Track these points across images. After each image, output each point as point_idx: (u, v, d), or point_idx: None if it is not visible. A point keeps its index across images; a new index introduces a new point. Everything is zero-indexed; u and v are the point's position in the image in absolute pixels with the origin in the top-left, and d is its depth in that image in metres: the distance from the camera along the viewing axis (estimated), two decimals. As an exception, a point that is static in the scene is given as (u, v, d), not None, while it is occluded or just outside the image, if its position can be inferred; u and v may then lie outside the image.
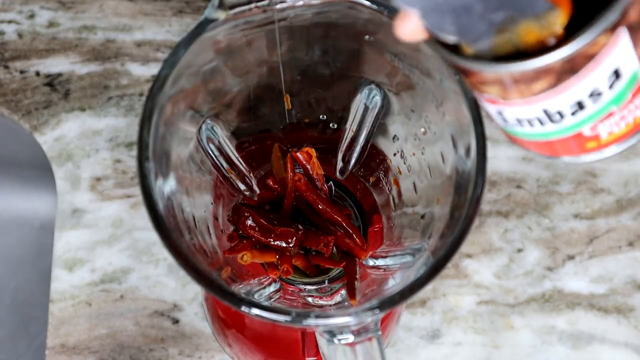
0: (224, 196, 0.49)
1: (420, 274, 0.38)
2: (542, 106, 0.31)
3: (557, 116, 0.31)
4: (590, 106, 0.30)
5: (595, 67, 0.29)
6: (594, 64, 0.29)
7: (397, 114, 0.47)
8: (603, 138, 0.32)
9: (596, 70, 0.29)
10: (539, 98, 0.30)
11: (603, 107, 0.30)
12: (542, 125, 0.31)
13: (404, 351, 0.59)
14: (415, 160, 0.47)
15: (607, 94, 0.30)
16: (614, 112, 0.31)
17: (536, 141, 0.33)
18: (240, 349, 0.55)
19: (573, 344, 0.60)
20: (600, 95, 0.30)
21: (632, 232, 0.62)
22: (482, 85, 0.31)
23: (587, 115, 0.31)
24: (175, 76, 0.40)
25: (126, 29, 0.68)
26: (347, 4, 0.41)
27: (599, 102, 0.30)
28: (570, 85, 0.30)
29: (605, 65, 0.29)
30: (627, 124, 0.32)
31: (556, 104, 0.30)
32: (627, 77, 0.30)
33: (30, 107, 0.66)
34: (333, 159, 0.51)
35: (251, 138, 0.50)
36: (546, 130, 0.32)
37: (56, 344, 0.59)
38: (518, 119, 0.32)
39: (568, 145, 0.32)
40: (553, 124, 0.31)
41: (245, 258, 0.46)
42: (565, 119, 0.31)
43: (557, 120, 0.31)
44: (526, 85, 0.30)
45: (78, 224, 0.62)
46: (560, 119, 0.31)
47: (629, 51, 0.29)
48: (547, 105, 0.30)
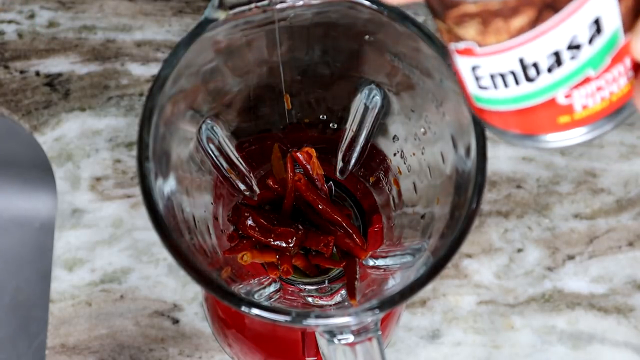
0: (224, 196, 0.49)
1: (420, 274, 0.38)
2: (519, 54, 0.29)
3: (533, 70, 0.30)
4: (568, 63, 0.29)
5: (577, 8, 0.28)
6: (576, 3, 0.28)
7: (397, 114, 0.47)
8: (577, 112, 0.31)
9: (578, 12, 0.28)
10: (516, 42, 0.29)
11: (581, 66, 0.29)
12: (517, 84, 0.30)
13: (404, 351, 0.59)
14: (415, 160, 0.47)
15: (586, 49, 0.29)
16: (591, 78, 0.30)
17: (507, 110, 0.31)
18: (240, 349, 0.55)
19: (573, 344, 0.60)
20: (579, 49, 0.29)
21: (632, 232, 0.62)
22: (458, 27, 0.29)
23: (563, 74, 0.30)
24: (175, 76, 0.40)
25: (126, 29, 0.68)
26: (347, 4, 0.41)
27: (577, 58, 0.29)
28: (549, 27, 0.29)
29: (587, 8, 0.28)
30: (602, 98, 0.30)
31: (533, 52, 0.29)
32: (608, 34, 0.29)
33: (30, 107, 0.66)
34: (333, 159, 0.51)
35: (251, 138, 0.50)
36: (520, 92, 0.30)
37: (56, 344, 0.59)
38: (492, 75, 0.30)
39: (539, 118, 0.31)
40: (528, 84, 0.30)
41: (245, 258, 0.46)
42: (541, 76, 0.30)
43: (532, 76, 0.30)
44: (505, 22, 0.29)
45: (78, 224, 0.62)
46: (536, 76, 0.30)
47: (612, 1, 0.28)
48: (523, 53, 0.29)
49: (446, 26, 0.30)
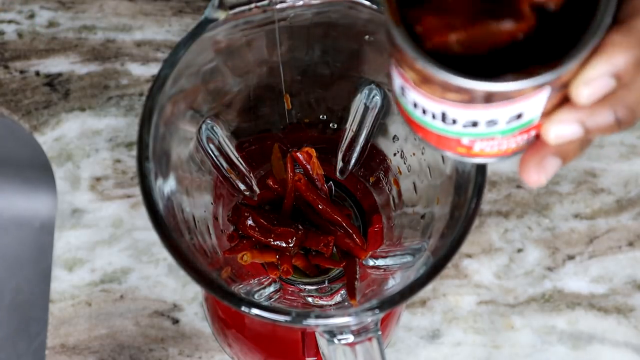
0: (224, 196, 0.49)
1: (420, 274, 0.38)
2: (443, 109, 0.32)
3: (450, 121, 0.32)
4: (482, 128, 0.32)
5: (505, 106, 0.31)
6: (507, 103, 0.31)
7: (397, 114, 0.47)
8: (474, 150, 0.34)
9: (505, 108, 0.31)
10: (444, 102, 0.31)
11: (491, 132, 0.32)
12: (434, 119, 0.33)
13: (404, 351, 0.59)
14: (415, 160, 0.47)
15: (502, 125, 0.32)
16: (495, 138, 0.33)
17: (419, 124, 0.34)
18: (240, 349, 0.55)
19: (573, 344, 0.60)
20: (496, 125, 0.32)
21: (632, 232, 0.62)
22: (403, 64, 0.32)
23: (475, 132, 0.32)
24: (175, 76, 0.40)
25: (126, 29, 0.68)
26: (347, 4, 0.41)
27: (491, 128, 0.32)
28: (476, 109, 0.31)
29: (515, 108, 0.31)
30: (499, 149, 0.34)
31: (456, 114, 0.32)
32: (525, 119, 0.32)
33: (30, 107, 0.66)
34: (333, 159, 0.50)
35: (251, 138, 0.50)
36: (434, 124, 0.33)
37: (56, 344, 0.59)
38: (415, 103, 0.33)
39: (441, 141, 0.34)
40: (443, 124, 0.33)
41: (245, 258, 0.46)
42: (455, 126, 0.32)
43: (448, 123, 0.32)
44: (441, 90, 0.31)
45: (78, 224, 0.62)
46: (452, 124, 0.32)
47: (540, 103, 0.31)
48: (447, 110, 0.32)
49: (393, 54, 0.32)
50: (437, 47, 0.30)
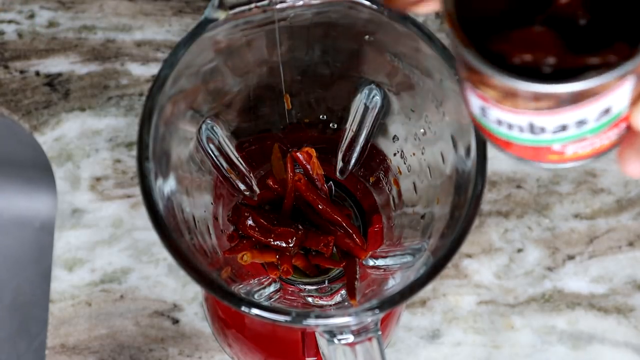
0: (224, 196, 0.49)
1: (420, 274, 0.38)
2: (530, 120, 0.32)
3: (538, 130, 0.32)
4: (572, 130, 0.32)
5: (593, 103, 0.31)
6: (593, 100, 0.30)
7: (397, 114, 0.47)
8: (567, 155, 0.33)
9: (593, 105, 0.31)
10: (530, 113, 0.31)
11: (582, 133, 0.32)
12: (521, 132, 0.32)
13: (404, 351, 0.59)
14: (415, 160, 0.47)
15: (591, 124, 0.32)
16: (587, 138, 0.32)
17: (506, 141, 0.34)
18: (240, 349, 0.55)
19: (573, 344, 0.60)
20: (585, 124, 0.32)
21: (632, 232, 0.62)
22: (481, 85, 0.31)
23: (565, 136, 0.32)
24: (175, 76, 0.40)
25: (126, 29, 0.68)
26: (347, 4, 0.41)
27: (581, 128, 0.32)
28: (564, 112, 0.31)
29: (602, 103, 0.31)
30: (592, 148, 0.33)
31: (543, 122, 0.32)
32: (614, 113, 0.32)
33: (30, 107, 0.66)
34: (333, 159, 0.50)
35: (251, 138, 0.50)
36: (522, 136, 0.33)
37: (56, 344, 0.59)
38: (499, 120, 0.33)
39: (532, 152, 0.34)
40: (531, 134, 0.33)
41: (245, 258, 0.46)
42: (544, 134, 0.32)
43: (537, 133, 0.32)
44: (524, 101, 0.31)
45: (78, 224, 0.62)
46: (541, 133, 0.32)
47: (626, 94, 0.31)
48: (534, 120, 0.32)
49: (466, 72, 0.32)
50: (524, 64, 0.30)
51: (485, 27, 0.32)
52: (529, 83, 0.30)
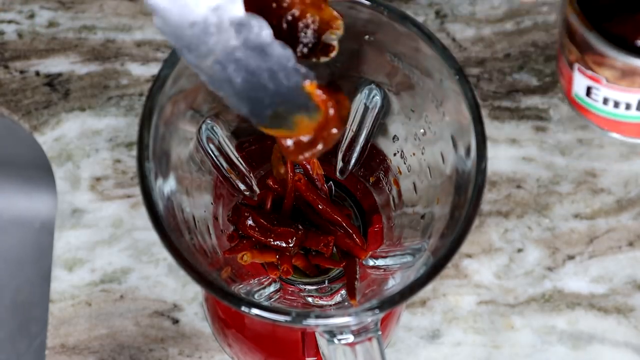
0: (224, 196, 0.49)
1: (420, 274, 0.38)
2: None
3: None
4: None
5: None
6: None
7: (397, 114, 0.47)
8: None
9: None
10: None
11: None
12: (627, 109, 0.33)
13: (404, 351, 0.59)
14: (415, 160, 0.47)
15: None
16: None
17: (608, 118, 0.34)
18: (240, 349, 0.55)
19: (573, 344, 0.60)
20: None
21: (632, 232, 0.62)
22: (596, 66, 0.32)
23: None
24: (175, 76, 0.40)
25: (126, 29, 0.68)
26: (347, 4, 0.41)
27: None
28: None
29: None
30: None
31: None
32: None
33: (30, 107, 0.66)
34: (333, 159, 0.50)
35: (251, 138, 0.50)
36: (628, 114, 0.33)
37: (56, 344, 0.59)
38: (606, 98, 0.33)
39: (630, 128, 0.34)
40: (638, 111, 0.33)
41: (245, 258, 0.46)
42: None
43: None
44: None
45: (78, 224, 0.62)
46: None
47: None
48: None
49: (578, 55, 0.33)
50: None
51: (603, 11, 0.32)
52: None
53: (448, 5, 0.68)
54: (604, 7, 0.32)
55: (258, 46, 0.36)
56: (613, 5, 0.32)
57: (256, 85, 0.36)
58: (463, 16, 0.68)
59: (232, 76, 0.36)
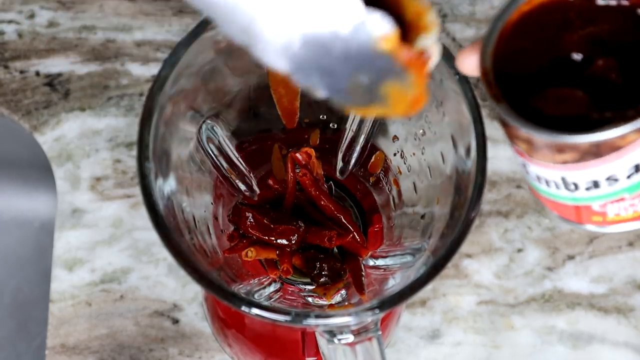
0: (224, 196, 0.49)
1: (420, 274, 0.38)
2: (561, 174, 0.32)
3: (572, 186, 0.32)
4: (605, 187, 0.32)
5: (618, 158, 0.31)
6: (617, 155, 0.31)
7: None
8: (609, 216, 0.34)
9: (618, 160, 0.31)
10: (559, 167, 0.32)
11: (616, 191, 0.32)
12: (558, 189, 0.33)
13: (404, 351, 0.59)
14: (415, 160, 0.47)
15: (624, 181, 0.32)
16: (625, 198, 0.32)
17: (550, 199, 0.35)
18: (240, 349, 0.55)
19: (573, 344, 0.60)
20: (617, 181, 0.32)
21: (632, 232, 0.62)
22: (514, 138, 0.33)
23: (599, 194, 0.32)
24: (175, 76, 0.40)
25: (126, 29, 0.68)
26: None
27: (613, 186, 0.32)
28: (590, 166, 0.31)
29: (628, 159, 0.31)
30: (635, 211, 0.33)
31: (574, 177, 0.32)
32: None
33: (30, 107, 0.66)
34: (333, 159, 0.50)
35: (251, 138, 0.50)
36: (560, 194, 0.33)
37: (56, 344, 0.59)
38: (538, 176, 0.33)
39: (576, 212, 0.34)
40: (567, 191, 0.33)
41: (250, 254, 0.46)
42: (578, 191, 0.33)
43: (571, 189, 0.33)
44: (550, 153, 0.31)
45: (78, 224, 0.62)
46: (575, 190, 0.33)
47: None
48: (565, 175, 0.32)
49: (506, 131, 0.34)
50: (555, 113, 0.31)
51: (527, 86, 0.32)
52: (546, 133, 0.30)
53: (448, 5, 0.68)
54: (525, 81, 0.32)
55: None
56: (533, 78, 0.33)
57: (317, 48, 0.27)
58: (463, 16, 0.68)
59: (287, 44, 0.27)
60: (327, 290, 0.47)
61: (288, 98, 0.48)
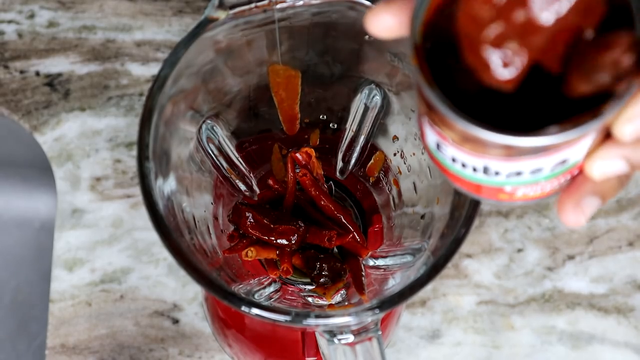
0: (224, 196, 0.49)
1: (420, 274, 0.38)
2: (486, 163, 0.31)
3: (492, 173, 0.32)
4: (526, 176, 0.32)
5: (551, 155, 0.30)
6: (552, 153, 0.30)
7: (397, 114, 0.47)
8: (517, 196, 0.33)
9: (551, 157, 0.30)
10: (487, 157, 0.31)
11: (535, 179, 0.32)
12: (475, 172, 0.32)
13: (404, 351, 0.59)
14: (415, 160, 0.47)
15: (546, 171, 0.31)
16: (539, 183, 0.32)
17: (457, 176, 0.33)
18: (240, 349, 0.55)
19: (573, 344, 0.60)
20: (540, 172, 0.31)
21: (632, 232, 0.62)
22: (441, 125, 0.31)
23: (518, 180, 0.32)
24: (175, 76, 0.40)
25: (126, 29, 0.68)
26: (347, 4, 0.41)
27: (535, 175, 0.31)
28: (521, 161, 0.31)
29: (560, 155, 0.30)
30: (542, 191, 0.33)
31: (499, 167, 0.31)
32: (570, 163, 0.31)
33: (30, 107, 0.66)
34: (333, 159, 0.51)
35: (251, 138, 0.50)
36: (475, 176, 0.32)
37: (56, 344, 0.59)
38: (454, 158, 0.32)
39: (482, 190, 0.33)
40: (485, 175, 0.32)
41: (250, 254, 0.46)
42: (498, 177, 0.32)
43: (490, 175, 0.32)
44: (483, 147, 0.30)
45: (78, 224, 0.62)
46: (494, 176, 0.32)
47: (585, 147, 0.31)
48: (490, 164, 0.31)
49: (425, 108, 0.31)
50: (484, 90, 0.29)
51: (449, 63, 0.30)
52: (495, 134, 0.29)
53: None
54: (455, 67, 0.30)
55: None
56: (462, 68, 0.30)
57: None
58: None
59: None
60: (327, 290, 0.47)
61: (288, 102, 0.48)
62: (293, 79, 0.47)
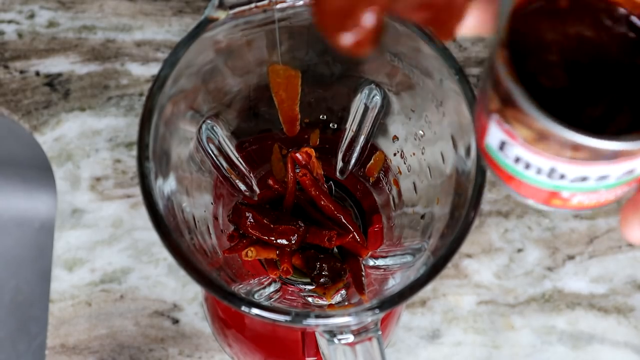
0: (224, 196, 0.49)
1: (420, 274, 0.38)
2: (553, 165, 0.30)
3: (557, 176, 0.31)
4: (591, 182, 0.31)
5: (624, 162, 0.29)
6: (626, 160, 0.29)
7: (397, 114, 0.47)
8: (571, 203, 0.32)
9: (623, 164, 0.30)
10: (557, 159, 0.30)
11: (598, 186, 0.31)
12: (538, 174, 0.31)
13: (404, 351, 0.59)
14: (415, 160, 0.47)
15: (611, 179, 0.31)
16: (600, 192, 0.31)
17: (514, 177, 0.32)
18: (240, 349, 0.55)
19: (573, 344, 0.60)
20: (605, 179, 0.30)
21: (632, 232, 0.62)
22: (515, 123, 0.30)
23: (580, 186, 0.31)
24: (175, 76, 0.40)
25: (126, 29, 0.68)
26: (347, 4, 0.41)
27: (600, 182, 0.31)
28: (592, 165, 0.30)
29: (631, 164, 0.30)
30: (597, 201, 0.32)
31: (566, 170, 0.30)
32: (636, 173, 0.31)
33: (30, 107, 0.66)
34: (333, 159, 0.51)
35: (251, 138, 0.50)
36: (536, 178, 0.32)
37: (56, 344, 0.59)
38: (518, 158, 0.31)
39: (538, 194, 0.32)
40: (547, 178, 0.31)
41: (250, 254, 0.46)
42: (561, 181, 0.31)
43: (554, 178, 0.31)
44: (559, 148, 0.30)
45: (78, 224, 0.62)
46: (558, 179, 0.31)
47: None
48: (559, 167, 0.30)
49: (499, 105, 0.31)
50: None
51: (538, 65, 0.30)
52: (580, 135, 0.28)
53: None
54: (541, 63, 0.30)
55: None
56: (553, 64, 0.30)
57: None
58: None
59: None
60: (327, 290, 0.47)
61: (289, 103, 0.48)
62: (293, 79, 0.47)
